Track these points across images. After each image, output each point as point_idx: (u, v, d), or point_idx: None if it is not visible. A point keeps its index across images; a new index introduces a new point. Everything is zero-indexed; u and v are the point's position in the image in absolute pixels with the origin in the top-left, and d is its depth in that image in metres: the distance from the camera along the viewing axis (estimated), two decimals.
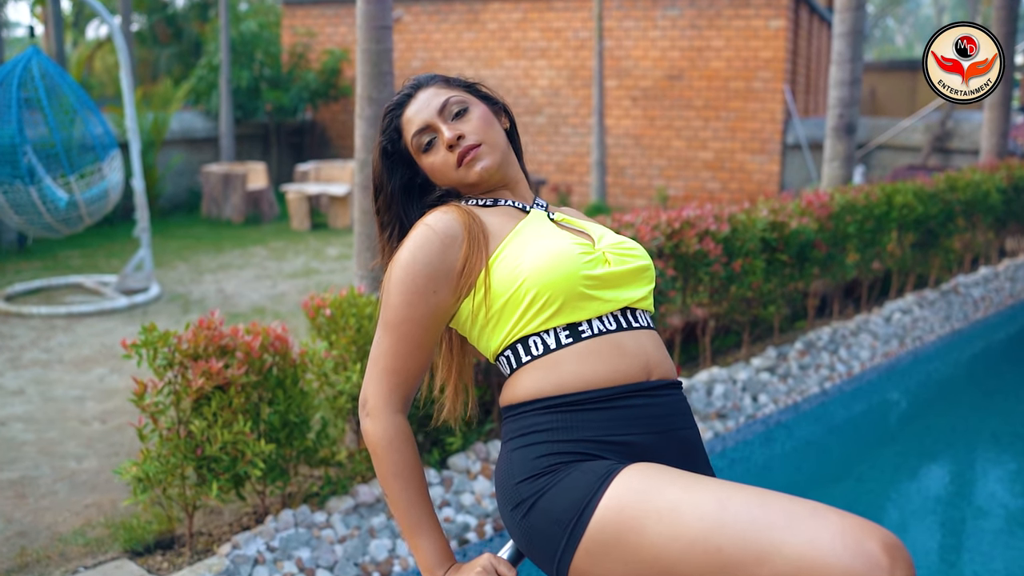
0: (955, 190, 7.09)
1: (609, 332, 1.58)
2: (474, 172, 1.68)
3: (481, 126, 1.70)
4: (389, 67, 3.84)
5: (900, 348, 6.35)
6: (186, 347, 3.12)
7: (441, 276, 1.60)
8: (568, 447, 1.51)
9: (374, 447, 1.61)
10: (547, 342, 1.57)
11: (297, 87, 12.63)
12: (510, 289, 1.57)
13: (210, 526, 3.47)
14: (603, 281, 1.59)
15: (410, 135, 1.70)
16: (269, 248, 9.22)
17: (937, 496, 4.89)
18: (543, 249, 1.58)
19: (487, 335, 1.63)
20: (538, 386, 1.56)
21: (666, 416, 1.58)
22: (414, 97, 1.72)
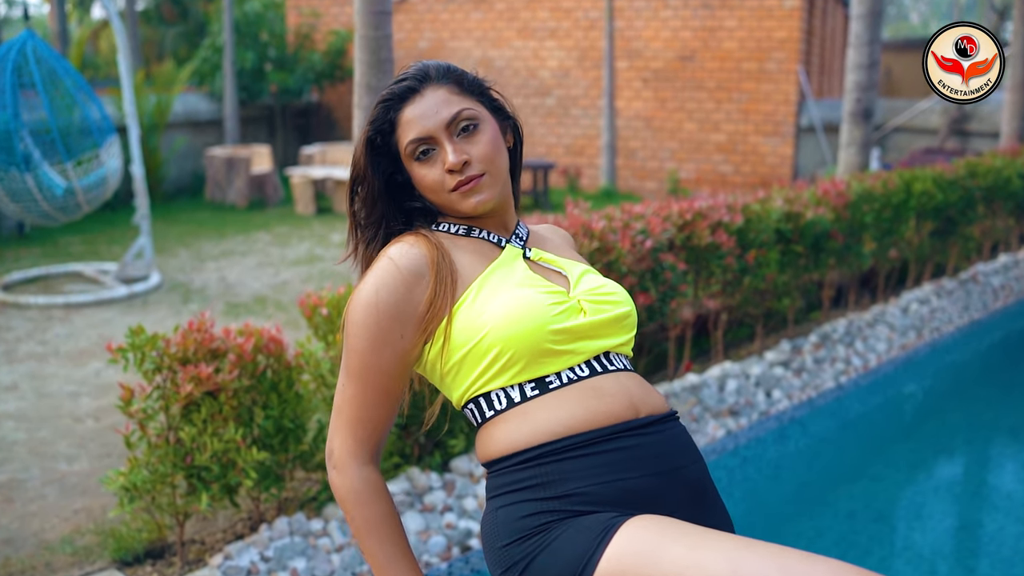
0: (975, 176, 6.89)
1: (581, 379, 1.43)
2: (469, 204, 1.50)
3: (488, 152, 1.51)
4: (389, 54, 3.68)
5: (918, 340, 6.17)
6: (175, 351, 2.98)
7: (407, 318, 1.43)
8: (557, 504, 1.36)
9: (342, 502, 1.47)
10: (511, 396, 1.43)
11: (302, 68, 12.45)
12: (470, 341, 1.41)
13: (203, 533, 3.34)
14: (574, 334, 1.43)
15: (406, 138, 1.51)
16: (273, 234, 9.08)
17: (953, 496, 4.74)
18: (509, 301, 1.42)
19: (448, 384, 1.49)
20: (510, 439, 1.41)
21: (663, 455, 1.41)
22: (420, 93, 1.52)
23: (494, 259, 1.52)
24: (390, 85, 1.55)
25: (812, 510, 4.46)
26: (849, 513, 4.42)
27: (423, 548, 3.43)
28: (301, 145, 13.23)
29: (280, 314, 6.13)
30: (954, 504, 4.65)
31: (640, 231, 4.36)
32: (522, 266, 1.52)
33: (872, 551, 4.06)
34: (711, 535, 1.27)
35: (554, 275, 1.55)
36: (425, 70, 1.53)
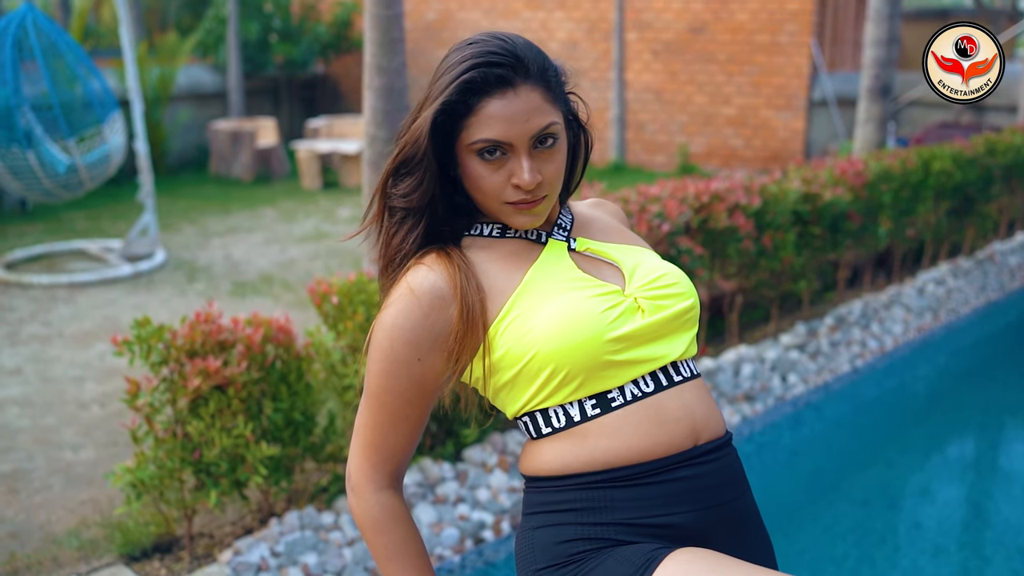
0: (994, 154, 6.76)
1: (646, 396, 1.32)
2: (520, 221, 1.36)
3: (559, 173, 1.36)
4: (400, 33, 3.56)
5: (934, 322, 6.08)
6: (182, 343, 2.90)
7: (425, 343, 1.31)
8: (599, 531, 1.28)
9: (361, 527, 1.40)
10: (570, 414, 1.32)
11: (308, 40, 12.27)
12: (519, 362, 1.30)
13: (211, 526, 3.28)
14: (634, 339, 1.31)
15: (481, 134, 1.30)
16: (279, 209, 8.98)
17: (968, 482, 4.67)
18: (558, 312, 1.29)
19: (500, 400, 1.38)
20: (564, 461, 1.32)
21: (715, 487, 1.33)
22: (513, 90, 1.29)
23: (533, 260, 1.38)
24: (473, 59, 1.30)
25: (827, 496, 4.39)
26: (864, 500, 4.35)
27: (436, 541, 3.37)
28: (306, 118, 13.09)
29: (287, 294, 6.05)
30: (969, 491, 4.58)
31: (657, 214, 4.26)
32: (568, 264, 1.38)
33: (887, 539, 4.00)
34: (755, 573, 1.20)
35: (605, 267, 1.40)
36: (523, 61, 1.30)
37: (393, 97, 3.57)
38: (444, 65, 1.34)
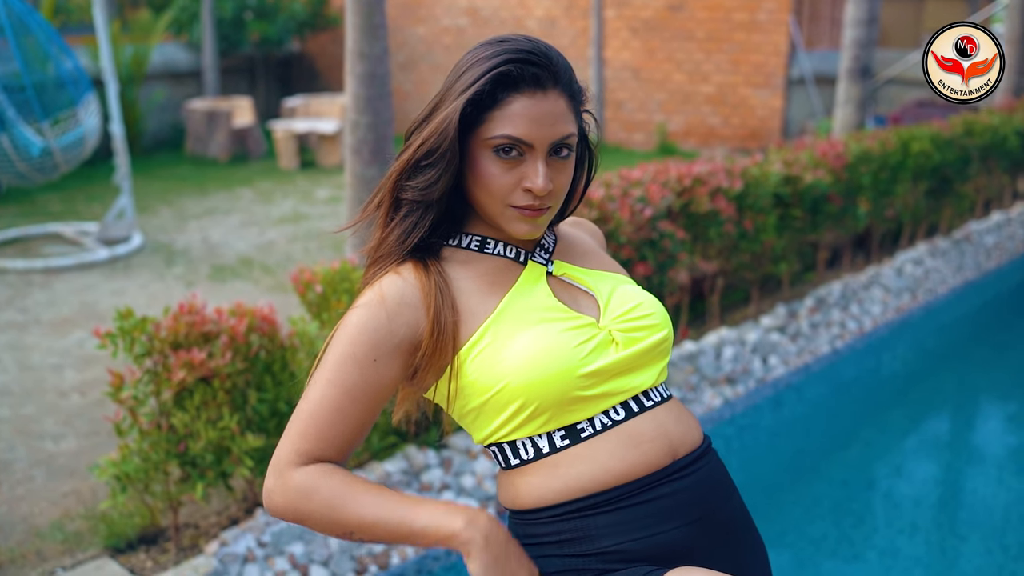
0: (972, 135, 6.80)
1: (616, 424, 1.29)
2: (520, 228, 1.32)
3: (566, 187, 1.35)
4: (382, 19, 3.52)
5: (912, 302, 6.13)
6: (165, 335, 2.87)
7: (385, 348, 1.28)
8: (583, 562, 1.26)
9: (286, 509, 1.28)
10: (539, 445, 1.29)
11: (283, 17, 12.13)
12: (488, 392, 1.27)
13: (196, 517, 3.26)
14: (606, 374, 1.28)
15: (503, 129, 1.27)
16: (256, 190, 8.90)
17: (945, 462, 4.73)
18: (530, 344, 1.26)
19: (467, 424, 1.36)
20: (538, 494, 1.29)
21: (697, 500, 1.30)
22: (544, 92, 1.29)
23: (511, 284, 1.35)
24: (508, 55, 1.28)
25: (807, 477, 4.44)
26: (843, 481, 4.40)
27: None
28: (282, 97, 12.96)
29: (267, 278, 6.01)
30: (946, 470, 4.64)
31: (639, 199, 4.25)
32: (545, 291, 1.35)
33: (865, 518, 4.05)
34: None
35: (581, 295, 1.39)
36: (555, 66, 1.30)
37: (376, 83, 3.54)
38: (470, 58, 1.31)
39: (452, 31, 12.74)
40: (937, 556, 3.79)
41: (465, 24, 12.71)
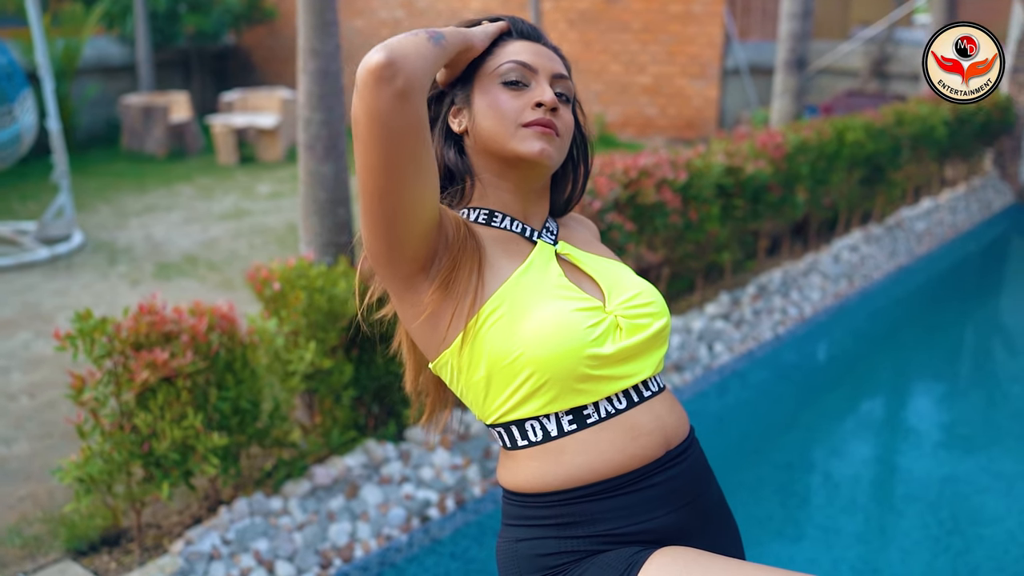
0: (902, 124, 7.02)
1: (620, 412, 1.34)
2: (532, 147, 1.35)
3: (570, 126, 1.42)
4: (334, 15, 3.54)
5: (849, 288, 6.32)
6: (126, 335, 2.87)
7: None
8: (581, 543, 1.32)
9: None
10: (547, 428, 1.33)
11: (218, 10, 11.97)
12: (501, 360, 1.30)
13: (158, 516, 3.26)
14: (613, 358, 1.33)
15: (507, 58, 1.38)
16: (196, 186, 8.80)
17: (883, 442, 4.89)
18: (547, 318, 1.29)
19: (472, 398, 1.38)
20: (542, 479, 1.34)
21: (687, 486, 1.38)
22: (531, 41, 1.42)
23: (523, 256, 1.38)
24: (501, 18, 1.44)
25: (752, 460, 4.56)
26: (787, 463, 4.53)
27: (383, 521, 3.41)
28: (218, 91, 12.80)
29: (213, 275, 5.97)
30: (884, 450, 4.80)
31: (588, 191, 4.33)
32: (556, 269, 1.38)
33: (808, 499, 4.19)
34: (740, 569, 1.25)
35: (585, 280, 1.42)
36: (539, 33, 1.46)
37: (328, 80, 3.55)
38: None
39: (389, 24, 12.69)
40: (877, 532, 3.93)
41: (402, 16, 12.68)
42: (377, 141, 1.19)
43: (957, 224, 8.14)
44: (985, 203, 8.94)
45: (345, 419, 3.60)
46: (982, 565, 3.62)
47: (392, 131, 1.18)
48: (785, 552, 3.82)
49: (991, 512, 3.98)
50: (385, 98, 1.17)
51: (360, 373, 3.67)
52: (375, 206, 1.24)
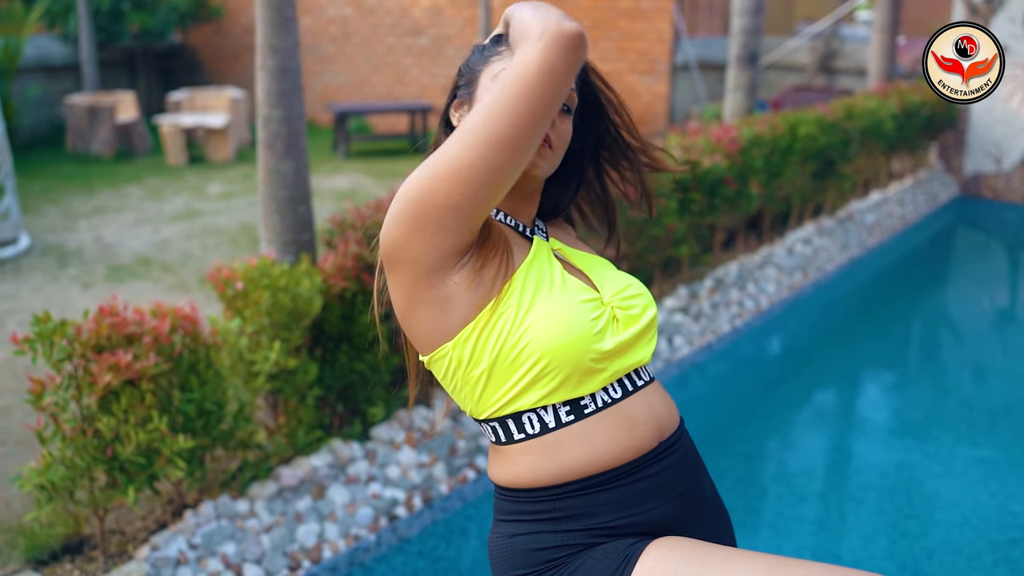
0: (852, 118, 7.14)
1: (616, 402, 1.35)
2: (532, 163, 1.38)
3: (565, 138, 1.42)
4: (293, 12, 3.50)
5: (804, 280, 6.41)
6: (87, 337, 2.81)
7: None
8: (576, 537, 1.32)
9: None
10: (544, 420, 1.33)
11: (164, 8, 11.77)
12: (510, 349, 1.30)
13: (121, 523, 3.20)
14: (614, 351, 1.34)
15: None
16: (145, 187, 8.65)
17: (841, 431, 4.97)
18: (555, 310, 1.30)
19: (467, 392, 1.36)
20: (535, 475, 1.33)
21: (679, 476, 1.38)
22: None
23: (526, 251, 1.40)
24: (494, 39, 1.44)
25: (713, 452, 4.54)
26: (747, 454, 4.58)
27: (351, 521, 3.39)
28: (165, 90, 12.59)
29: (167, 276, 5.87)
30: (840, 438, 4.87)
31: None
32: (557, 264, 1.39)
33: (769, 489, 4.24)
34: (737, 557, 1.25)
35: (578, 274, 1.44)
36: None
37: (287, 77, 3.51)
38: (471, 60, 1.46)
39: (338, 21, 12.60)
40: (837, 519, 3.99)
41: (350, 14, 12.59)
42: (539, 96, 1.21)
43: (905, 216, 8.29)
44: (931, 195, 9.12)
45: (310, 419, 3.56)
46: (939, 548, 3.70)
47: (555, 93, 1.22)
48: (747, 542, 3.85)
49: (945, 497, 4.06)
50: (568, 63, 1.21)
51: (324, 372, 3.64)
52: (497, 156, 1.23)
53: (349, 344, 3.68)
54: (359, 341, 3.69)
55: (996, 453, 4.44)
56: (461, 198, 1.24)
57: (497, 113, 1.22)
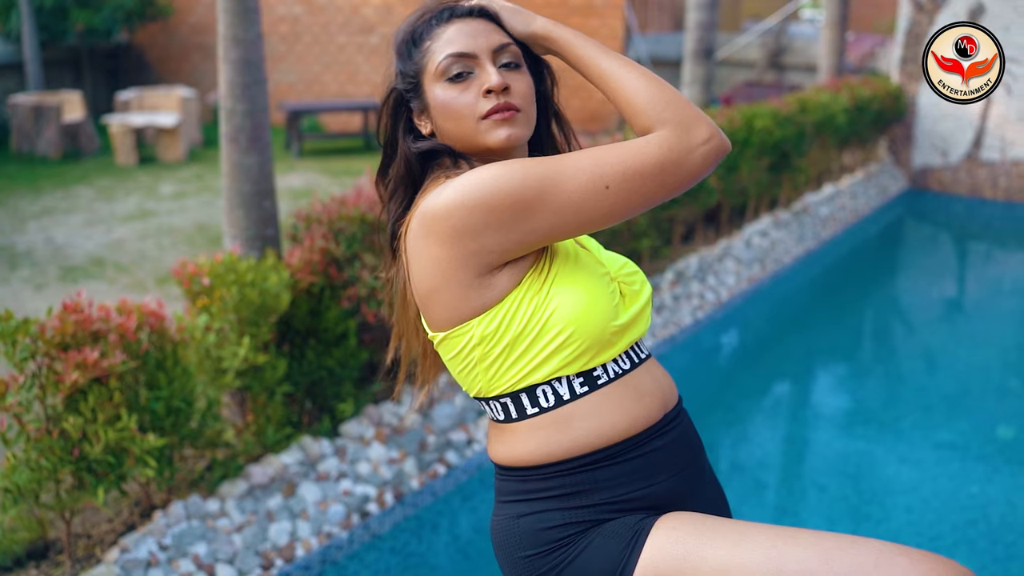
0: (806, 112, 7.23)
1: (625, 373, 1.35)
2: (498, 135, 1.33)
3: (528, 92, 1.37)
4: (255, 2, 3.45)
5: (762, 272, 6.48)
6: (52, 335, 2.74)
7: None
8: (585, 513, 1.31)
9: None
10: (559, 392, 1.32)
11: (110, 6, 11.55)
12: (538, 318, 1.28)
13: (87, 526, 3.13)
14: (625, 326, 1.34)
15: (443, 52, 1.34)
16: (95, 187, 8.48)
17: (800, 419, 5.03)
18: (581, 283, 1.30)
19: (481, 369, 1.34)
20: (548, 450, 1.32)
21: (681, 450, 1.39)
22: (463, 20, 1.37)
23: None
24: (422, 10, 1.40)
25: None
26: (710, 444, 4.59)
27: (323, 519, 3.35)
28: (112, 90, 12.36)
29: (123, 276, 5.76)
30: (801, 426, 4.93)
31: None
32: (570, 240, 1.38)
33: (733, 478, 4.27)
34: (746, 529, 1.25)
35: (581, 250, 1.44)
36: (475, 7, 1.39)
37: (251, 69, 3.46)
38: (396, 36, 1.42)
39: (288, 20, 12.47)
40: (802, 505, 4.05)
41: (300, 12, 12.47)
42: (674, 186, 1.27)
43: (858, 209, 8.42)
44: (882, 188, 9.28)
45: (279, 416, 3.51)
46: (902, 531, 3.76)
47: (684, 189, 1.29)
48: None
49: (905, 481, 4.13)
50: (708, 171, 1.29)
51: (292, 368, 3.59)
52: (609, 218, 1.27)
53: (317, 340, 3.64)
54: (327, 336, 3.65)
55: (952, 437, 4.52)
56: (554, 229, 1.26)
57: (630, 185, 1.25)
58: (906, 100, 9.65)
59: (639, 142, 1.27)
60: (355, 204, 3.85)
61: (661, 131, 1.27)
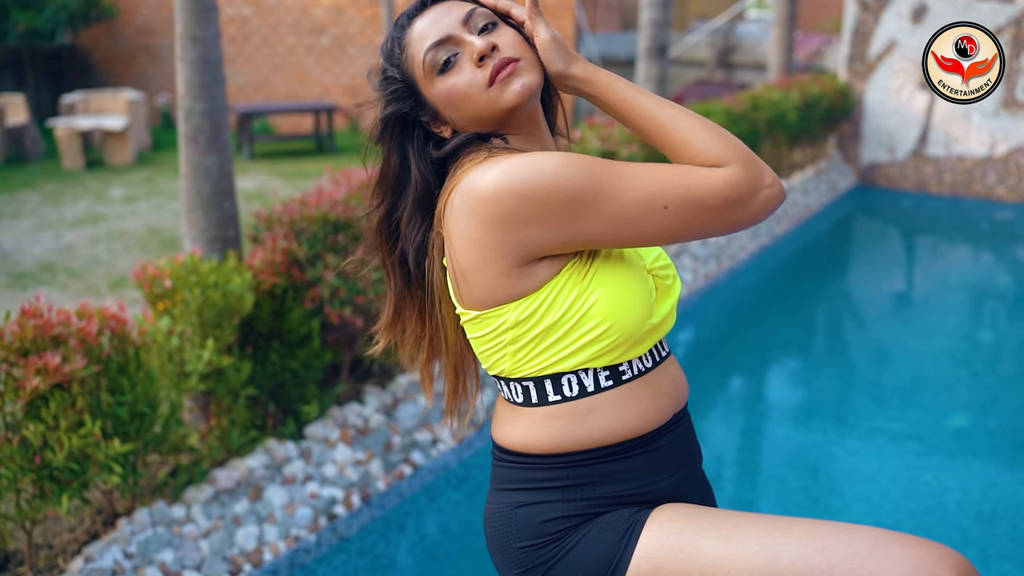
0: (758, 109, 7.32)
1: (647, 371, 1.33)
2: (512, 91, 1.28)
3: (516, 41, 1.31)
4: (213, 2, 3.40)
5: (718, 268, 6.54)
6: (10, 341, 2.68)
7: None
8: (583, 506, 1.30)
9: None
10: (584, 383, 1.30)
11: (52, 7, 11.32)
12: (575, 310, 1.26)
13: (48, 535, 3.06)
14: (657, 325, 1.32)
15: (423, 49, 1.31)
16: (41, 192, 8.31)
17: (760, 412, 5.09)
18: (622, 277, 1.27)
19: (512, 350, 1.30)
20: (560, 440, 1.30)
21: (683, 450, 1.39)
22: (422, 14, 1.34)
23: None
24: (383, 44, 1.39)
25: None
26: None
27: (291, 522, 3.31)
28: (56, 93, 12.12)
29: (75, 282, 5.65)
30: (762, 420, 4.99)
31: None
32: None
33: None
34: (741, 520, 1.25)
35: None
36: (412, 2, 1.38)
37: (209, 69, 3.41)
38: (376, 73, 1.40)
39: (236, 21, 12.33)
40: (763, 498, 4.09)
41: (249, 14, 12.34)
42: (723, 230, 1.26)
43: (810, 205, 8.54)
44: (832, 184, 9.42)
45: (243, 419, 3.47)
46: (860, 520, 3.78)
47: (734, 231, 1.28)
48: None
49: (863, 472, 4.20)
50: (765, 217, 1.28)
51: (255, 371, 3.55)
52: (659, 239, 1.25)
53: (280, 341, 3.60)
54: (290, 338, 3.61)
55: (906, 427, 4.61)
56: (603, 237, 1.24)
57: (687, 212, 1.22)
58: (854, 98, 9.81)
59: (705, 171, 1.24)
60: (316, 204, 3.82)
61: (729, 168, 1.24)
